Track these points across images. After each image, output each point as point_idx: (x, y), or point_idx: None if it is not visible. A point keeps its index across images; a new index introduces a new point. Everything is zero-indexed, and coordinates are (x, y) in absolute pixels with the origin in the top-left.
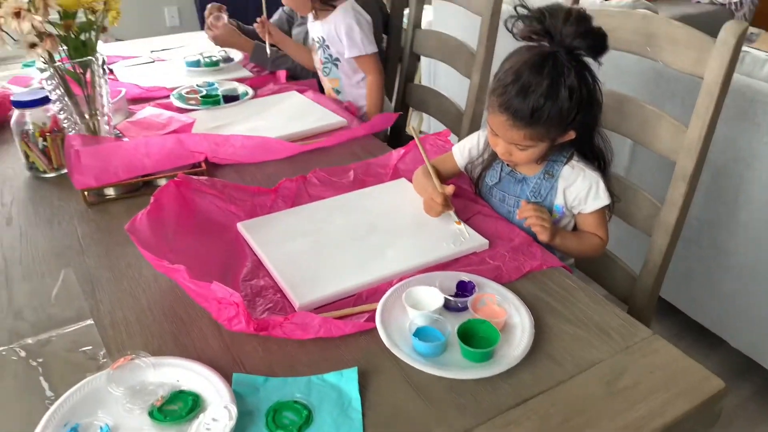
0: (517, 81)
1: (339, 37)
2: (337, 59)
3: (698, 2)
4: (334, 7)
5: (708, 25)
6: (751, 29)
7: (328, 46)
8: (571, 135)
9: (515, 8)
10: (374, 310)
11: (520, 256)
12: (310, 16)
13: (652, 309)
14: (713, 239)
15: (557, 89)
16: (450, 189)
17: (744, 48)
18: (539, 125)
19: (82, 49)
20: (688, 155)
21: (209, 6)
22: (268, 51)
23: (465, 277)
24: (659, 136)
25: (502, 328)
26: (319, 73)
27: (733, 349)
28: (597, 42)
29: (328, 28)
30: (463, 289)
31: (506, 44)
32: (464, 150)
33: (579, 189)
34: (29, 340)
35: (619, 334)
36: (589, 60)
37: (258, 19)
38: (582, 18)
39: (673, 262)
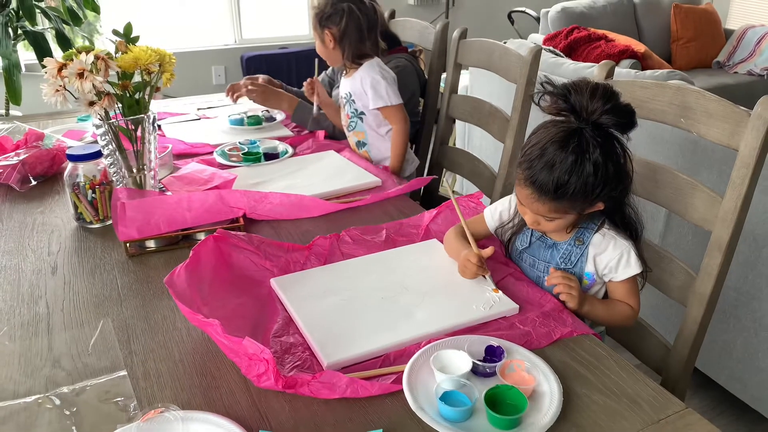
0: (542, 156)
1: (364, 90)
2: (362, 113)
3: (736, 73)
4: (361, 64)
5: (746, 95)
6: None
7: (353, 101)
8: (600, 206)
9: (541, 84)
10: (401, 372)
11: (551, 321)
12: (343, 76)
13: (687, 381)
14: (752, 311)
15: (582, 165)
16: (488, 251)
17: None
18: (564, 200)
19: (135, 107)
20: (723, 226)
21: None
22: (315, 110)
23: (494, 342)
24: (694, 206)
25: (531, 395)
26: (345, 130)
27: None
28: (624, 118)
29: (353, 83)
30: (492, 354)
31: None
32: (495, 213)
33: (610, 257)
34: (65, 389)
35: (651, 407)
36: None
37: (308, 80)
38: (608, 94)
39: (710, 333)
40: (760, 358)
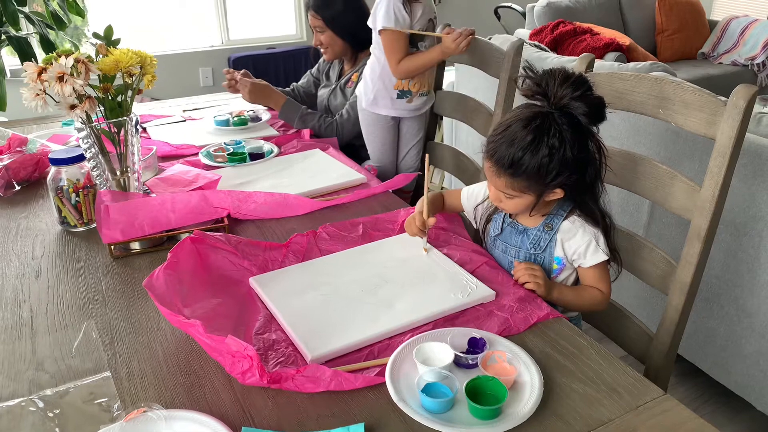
0: (505, 132)
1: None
2: None
3: (720, 63)
4: None
5: (731, 85)
6: None
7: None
8: (558, 194)
9: (523, 68)
10: (385, 365)
11: (527, 306)
12: (421, 3)
13: (670, 369)
14: (734, 299)
15: (538, 146)
16: (432, 221)
17: (763, 110)
18: (519, 177)
19: (117, 110)
20: (702, 214)
21: (239, 72)
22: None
23: (476, 333)
24: (673, 195)
25: (512, 386)
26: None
27: (759, 413)
28: (593, 109)
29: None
30: (475, 345)
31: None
32: (471, 193)
33: (578, 243)
34: (48, 392)
35: (630, 394)
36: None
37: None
38: (579, 83)
39: (694, 321)
40: (743, 344)
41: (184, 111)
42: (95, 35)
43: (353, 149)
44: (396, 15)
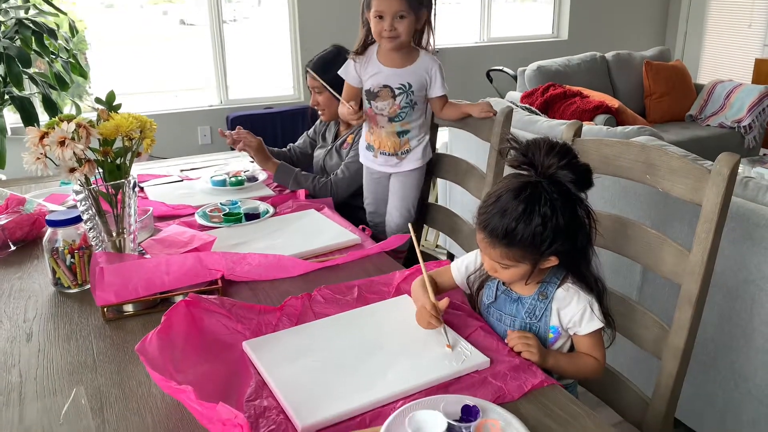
0: (497, 203)
1: (430, 77)
2: (415, 102)
3: (708, 125)
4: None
5: (719, 147)
6: (764, 150)
7: (413, 91)
8: (553, 261)
9: (507, 140)
10: None
11: (522, 374)
12: (380, 66)
13: None
14: (731, 363)
15: (531, 215)
16: (443, 303)
17: (749, 174)
18: (514, 247)
19: (116, 172)
20: (692, 279)
21: (236, 131)
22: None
23: (470, 401)
24: (663, 260)
25: None
26: (380, 122)
27: None
28: (580, 176)
29: (415, 72)
30: (468, 413)
31: None
32: (462, 266)
33: (573, 311)
34: None
35: None
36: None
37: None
38: (565, 151)
39: (692, 385)
40: (742, 410)
41: (182, 171)
42: (97, 100)
43: (350, 209)
44: (347, 69)
